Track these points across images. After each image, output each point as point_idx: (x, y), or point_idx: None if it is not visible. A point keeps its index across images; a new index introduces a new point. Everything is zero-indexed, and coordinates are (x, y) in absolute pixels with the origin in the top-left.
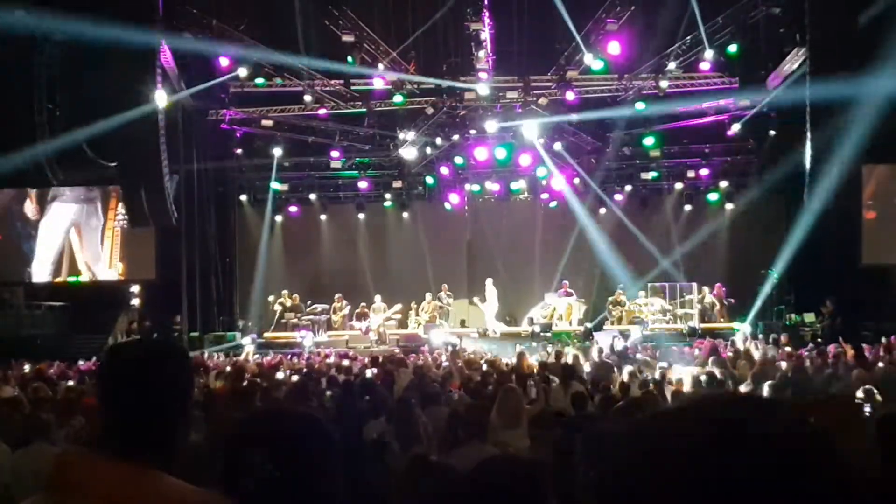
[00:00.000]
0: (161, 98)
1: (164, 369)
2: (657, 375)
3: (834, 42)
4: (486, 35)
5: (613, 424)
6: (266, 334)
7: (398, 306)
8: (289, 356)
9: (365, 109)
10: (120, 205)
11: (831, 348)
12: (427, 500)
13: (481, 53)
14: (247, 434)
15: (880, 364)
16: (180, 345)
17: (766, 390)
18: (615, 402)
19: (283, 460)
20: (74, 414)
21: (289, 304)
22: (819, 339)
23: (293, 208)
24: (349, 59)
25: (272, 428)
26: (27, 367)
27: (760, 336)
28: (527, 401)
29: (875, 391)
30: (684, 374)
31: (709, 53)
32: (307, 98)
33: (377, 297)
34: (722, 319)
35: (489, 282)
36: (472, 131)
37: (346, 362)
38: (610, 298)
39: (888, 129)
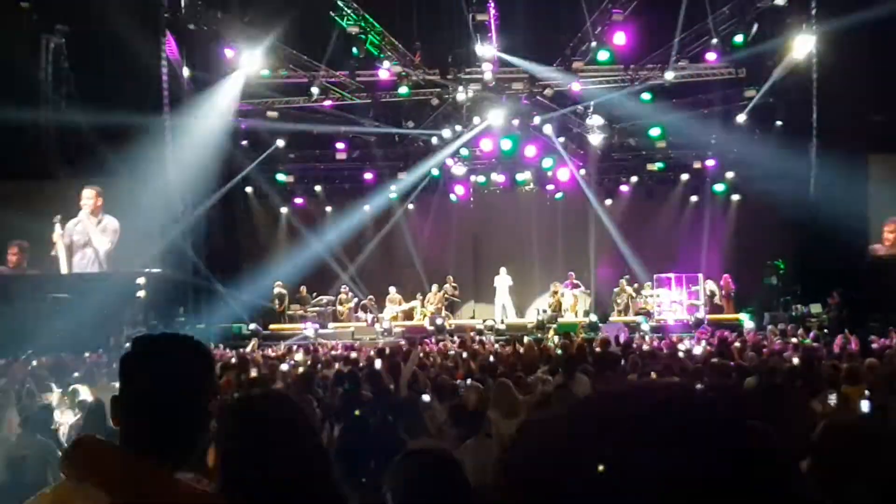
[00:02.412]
0: (166, 88)
1: (188, 364)
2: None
3: (841, 31)
4: (491, 26)
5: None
6: (271, 326)
7: (415, 302)
8: (294, 347)
9: (370, 100)
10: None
11: (838, 340)
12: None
13: (486, 45)
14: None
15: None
16: (202, 342)
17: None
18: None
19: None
20: None
21: (285, 293)
22: (825, 330)
23: (298, 200)
24: (354, 50)
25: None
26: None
27: (769, 328)
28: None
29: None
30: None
31: (715, 43)
32: (312, 89)
33: (392, 289)
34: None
35: (503, 270)
36: (477, 122)
37: (353, 354)
38: (615, 289)
39: (895, 119)
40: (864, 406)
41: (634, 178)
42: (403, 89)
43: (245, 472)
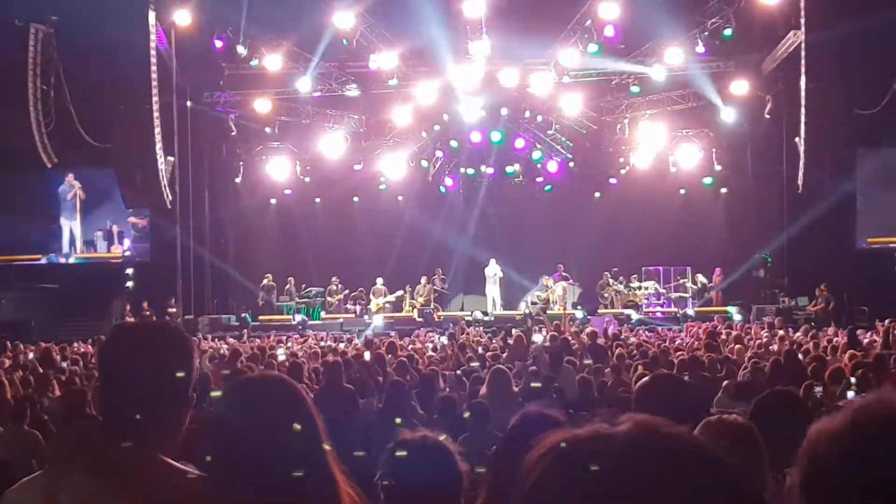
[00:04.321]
0: (155, 79)
1: (166, 351)
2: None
3: (830, 25)
4: (481, 19)
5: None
6: (260, 317)
7: (400, 292)
8: (284, 338)
9: (360, 92)
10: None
11: (829, 331)
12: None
13: (477, 37)
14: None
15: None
16: (181, 328)
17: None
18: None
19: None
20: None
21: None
22: (813, 323)
23: (288, 191)
24: (344, 41)
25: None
26: (31, 354)
27: (758, 321)
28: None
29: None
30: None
31: (704, 36)
32: (302, 80)
33: (378, 280)
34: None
35: (492, 261)
36: (467, 115)
37: (341, 345)
38: (599, 282)
39: (882, 113)
40: (850, 397)
41: (623, 171)
42: (393, 81)
43: (238, 455)
